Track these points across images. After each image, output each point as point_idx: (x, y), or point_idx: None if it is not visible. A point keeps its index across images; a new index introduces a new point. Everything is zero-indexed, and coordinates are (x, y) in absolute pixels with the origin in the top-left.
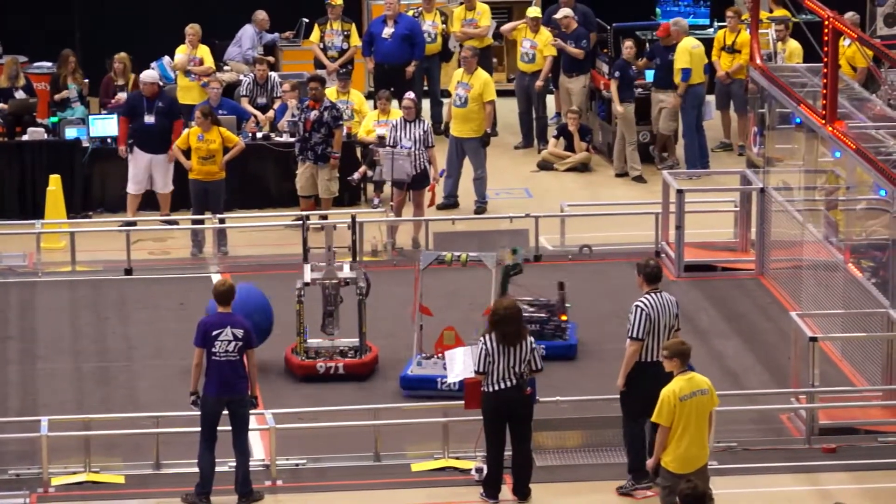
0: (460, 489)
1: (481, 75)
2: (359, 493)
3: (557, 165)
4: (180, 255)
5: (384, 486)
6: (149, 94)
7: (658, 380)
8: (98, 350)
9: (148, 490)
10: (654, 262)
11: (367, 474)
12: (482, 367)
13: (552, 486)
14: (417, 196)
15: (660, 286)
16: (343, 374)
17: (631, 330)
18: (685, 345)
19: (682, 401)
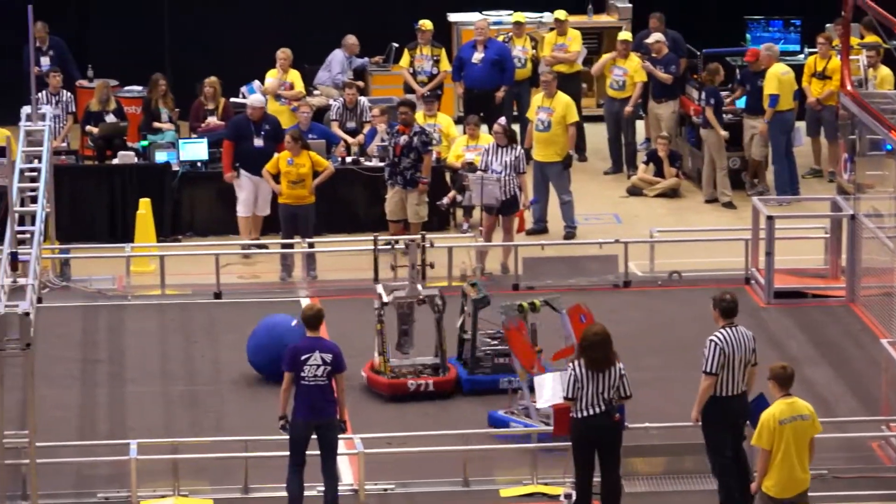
0: None
1: (562, 98)
2: None
3: (647, 191)
4: (269, 279)
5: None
6: (255, 119)
7: (734, 414)
8: (187, 373)
9: None
10: (729, 296)
11: (455, 500)
12: (571, 393)
13: None
14: (507, 221)
15: (735, 320)
16: (433, 390)
17: (705, 364)
18: (786, 369)
19: (781, 424)
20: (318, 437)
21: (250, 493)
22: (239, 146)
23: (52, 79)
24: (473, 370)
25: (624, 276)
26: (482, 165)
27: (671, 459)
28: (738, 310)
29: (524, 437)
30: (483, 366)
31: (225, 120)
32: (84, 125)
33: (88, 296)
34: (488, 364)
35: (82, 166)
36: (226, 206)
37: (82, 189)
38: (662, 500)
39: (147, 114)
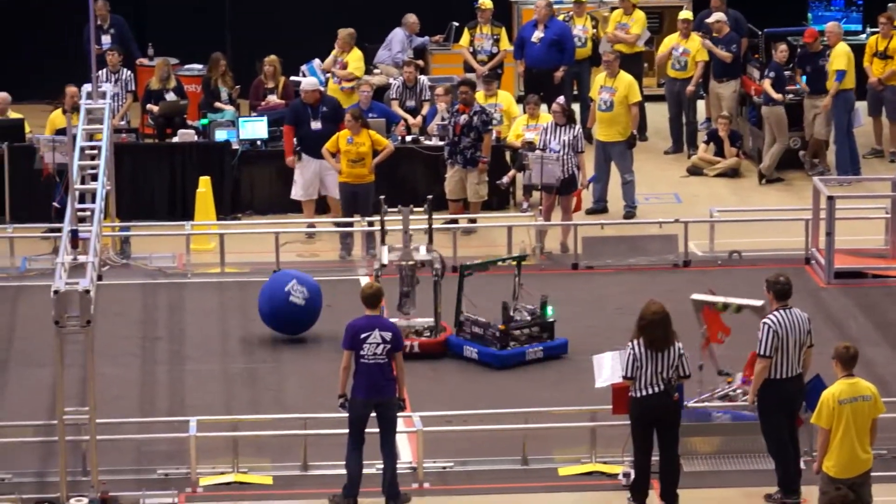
0: (608, 494)
1: (624, 77)
2: (506, 497)
3: (707, 171)
4: (328, 257)
5: (531, 489)
6: (311, 102)
7: (789, 396)
8: (246, 351)
9: (295, 491)
10: (784, 279)
11: (514, 478)
12: (630, 372)
13: (700, 492)
14: (566, 201)
15: (795, 301)
16: (418, 352)
17: (759, 347)
18: (848, 349)
19: (840, 404)
20: (378, 416)
21: (309, 470)
22: (299, 130)
23: (111, 57)
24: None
25: (684, 256)
26: (540, 144)
27: (729, 439)
28: (795, 291)
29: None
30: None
31: (285, 98)
32: (144, 103)
33: (148, 273)
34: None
35: (142, 144)
36: (286, 184)
37: (142, 167)
38: (721, 479)
39: (207, 92)
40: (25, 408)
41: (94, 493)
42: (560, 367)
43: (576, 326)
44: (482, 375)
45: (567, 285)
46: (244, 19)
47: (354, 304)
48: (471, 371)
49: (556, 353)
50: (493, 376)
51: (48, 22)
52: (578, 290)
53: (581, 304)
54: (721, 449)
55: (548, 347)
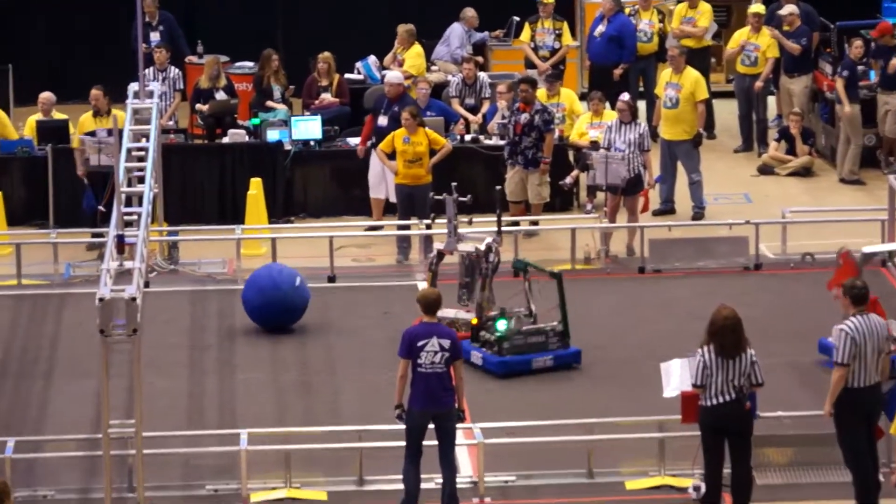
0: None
1: (691, 74)
2: None
3: (778, 170)
4: (385, 262)
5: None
6: (393, 96)
7: (867, 405)
8: (299, 361)
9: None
10: (860, 283)
11: (579, 492)
12: (700, 380)
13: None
14: (631, 202)
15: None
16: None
17: (836, 354)
18: None
19: None
20: (436, 427)
21: (365, 485)
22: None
23: (158, 54)
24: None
25: (755, 259)
26: (605, 143)
27: (804, 450)
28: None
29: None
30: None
31: (339, 97)
32: (193, 103)
33: (197, 280)
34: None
35: (191, 145)
36: (340, 186)
37: (191, 169)
38: (795, 492)
39: (258, 91)
40: (69, 421)
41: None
42: (626, 374)
43: (643, 332)
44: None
45: (633, 290)
46: (297, 14)
47: (412, 310)
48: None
49: (567, 361)
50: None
51: (94, 19)
52: (645, 295)
53: (648, 309)
54: (796, 460)
55: (558, 356)
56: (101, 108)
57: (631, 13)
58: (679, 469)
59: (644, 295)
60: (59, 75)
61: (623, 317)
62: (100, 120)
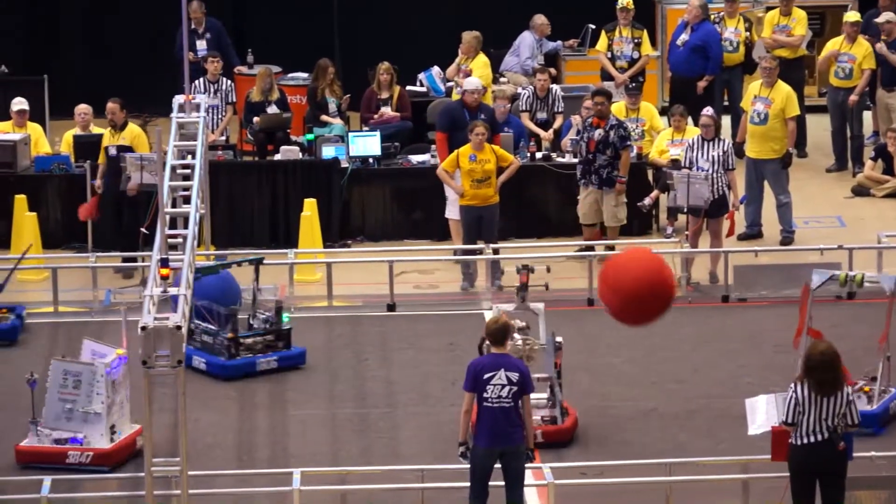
0: None
1: (783, 88)
2: None
3: (874, 191)
4: (449, 289)
5: None
6: (473, 105)
7: None
8: (356, 395)
9: None
10: None
11: None
12: (791, 417)
13: None
14: (715, 224)
15: None
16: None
17: None
18: None
19: None
20: (503, 466)
21: None
22: (452, 137)
23: (211, 65)
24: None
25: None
26: (686, 162)
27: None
28: None
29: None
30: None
31: (400, 111)
32: (244, 117)
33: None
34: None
35: (241, 163)
36: (401, 207)
37: (241, 188)
38: None
39: (313, 104)
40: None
41: None
42: (707, 411)
43: (726, 366)
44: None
45: (717, 320)
46: (355, 22)
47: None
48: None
49: (292, 363)
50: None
51: (137, 27)
52: (730, 325)
53: (733, 340)
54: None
55: (283, 357)
56: (116, 123)
57: (715, 20)
58: None
59: (728, 325)
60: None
61: (705, 349)
62: (114, 135)
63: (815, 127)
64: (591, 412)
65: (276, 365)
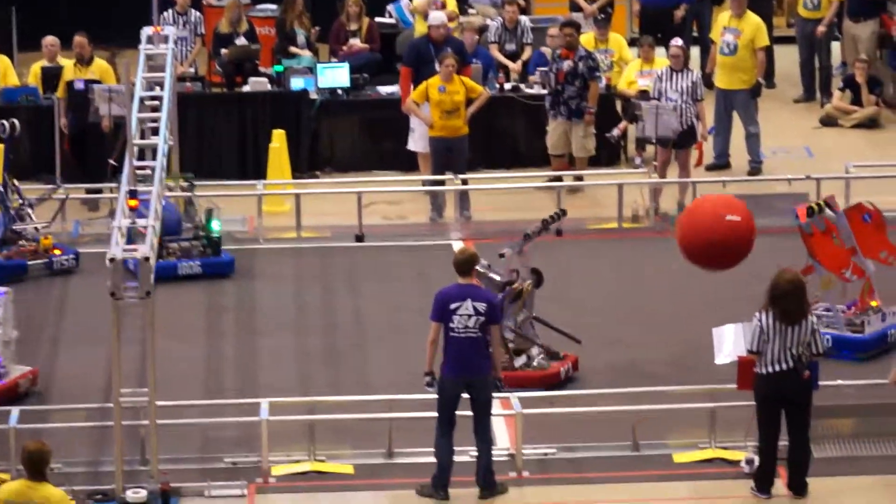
0: (728, 483)
1: (752, 19)
2: (614, 487)
3: (842, 121)
4: (417, 219)
5: (643, 478)
6: (439, 39)
7: None
8: (325, 326)
9: (379, 481)
10: None
11: (623, 466)
12: (756, 346)
13: (833, 481)
14: (683, 155)
15: None
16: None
17: None
18: None
19: None
20: (471, 397)
21: (394, 457)
22: (419, 73)
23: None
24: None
25: None
26: (655, 93)
27: (866, 420)
28: None
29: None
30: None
31: (369, 42)
32: (212, 48)
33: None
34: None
35: (209, 94)
36: (370, 138)
37: (209, 120)
38: (855, 465)
39: (282, 36)
40: (78, 389)
41: (153, 484)
42: (674, 340)
43: (694, 295)
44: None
45: None
46: None
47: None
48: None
49: (218, 270)
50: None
51: None
52: None
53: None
54: (857, 432)
55: (207, 264)
56: (84, 56)
57: None
58: (731, 441)
59: None
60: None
61: (673, 279)
62: (80, 69)
63: (783, 58)
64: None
65: (199, 270)
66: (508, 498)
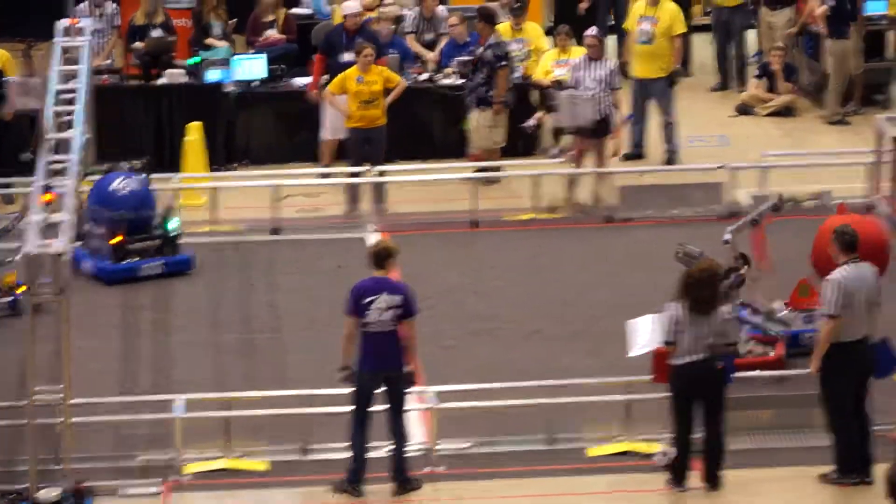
0: (643, 476)
1: (669, 6)
2: (529, 481)
3: (758, 109)
4: (333, 212)
5: (557, 472)
6: (353, 29)
7: (858, 361)
8: (241, 320)
9: (295, 478)
10: (851, 229)
11: (538, 459)
12: (670, 337)
13: (746, 472)
14: (600, 145)
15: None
16: None
17: (826, 305)
18: None
19: None
20: (386, 391)
21: (310, 453)
22: (329, 62)
23: None
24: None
25: (730, 206)
26: (572, 82)
27: (781, 412)
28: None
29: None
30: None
31: (286, 33)
32: (128, 40)
33: None
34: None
35: (125, 87)
36: (287, 130)
37: (126, 112)
38: (770, 457)
39: (198, 27)
40: None
41: (66, 483)
42: (591, 332)
43: (611, 286)
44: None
45: (601, 240)
46: None
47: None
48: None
49: (178, 269)
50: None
51: None
52: (614, 246)
53: (617, 261)
54: (772, 423)
55: (168, 262)
56: None
57: None
58: (647, 433)
59: (613, 246)
60: None
61: (590, 270)
62: None
63: (699, 47)
64: (478, 334)
65: (161, 270)
66: (423, 493)
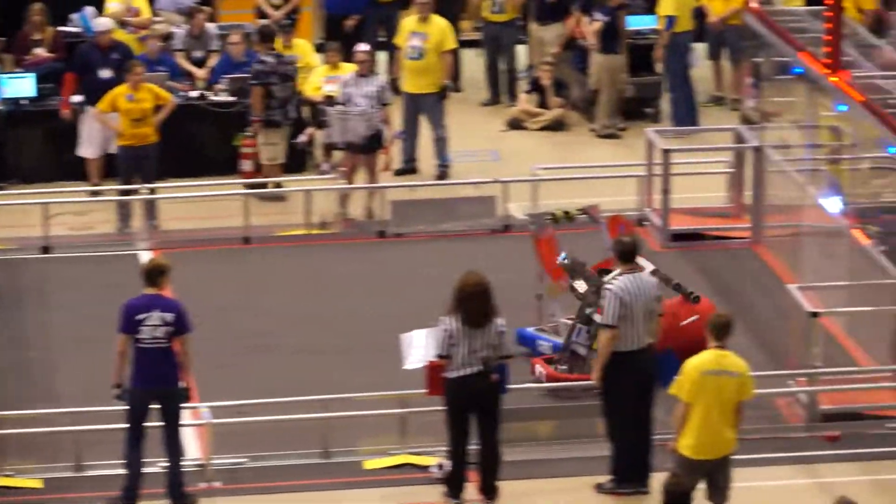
0: (419, 488)
1: (438, 22)
2: (305, 495)
3: (529, 124)
4: (104, 230)
5: (333, 486)
6: (105, 45)
7: (637, 370)
8: (11, 337)
9: (69, 495)
10: (628, 239)
11: (314, 473)
12: (444, 350)
13: (523, 484)
14: (371, 160)
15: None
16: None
17: (604, 316)
18: (722, 316)
19: (703, 375)
20: (161, 407)
21: (84, 470)
22: (85, 78)
23: None
24: None
25: (503, 220)
26: (342, 98)
27: (556, 423)
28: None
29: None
30: None
31: (54, 51)
32: None
33: None
34: None
35: None
36: (56, 148)
37: None
38: (547, 468)
39: None
40: None
41: None
42: (365, 347)
43: (383, 302)
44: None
45: (374, 255)
46: None
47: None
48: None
49: None
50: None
51: None
52: (387, 261)
53: (390, 276)
54: (548, 434)
55: None
56: None
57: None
58: (422, 446)
59: (385, 261)
60: None
61: (362, 285)
62: None
63: (469, 62)
64: (252, 351)
65: None
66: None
